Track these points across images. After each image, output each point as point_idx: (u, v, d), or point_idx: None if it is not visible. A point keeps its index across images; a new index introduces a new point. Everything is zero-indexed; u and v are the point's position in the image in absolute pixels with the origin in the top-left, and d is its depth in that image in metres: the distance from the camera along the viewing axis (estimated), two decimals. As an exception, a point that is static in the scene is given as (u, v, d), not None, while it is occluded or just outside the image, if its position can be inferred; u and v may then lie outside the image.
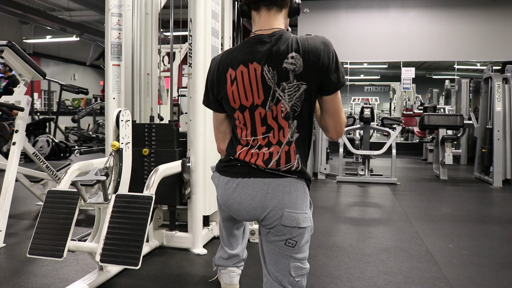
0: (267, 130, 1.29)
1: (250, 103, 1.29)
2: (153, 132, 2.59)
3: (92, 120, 10.53)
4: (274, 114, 1.27)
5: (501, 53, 8.54)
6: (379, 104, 15.66)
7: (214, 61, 1.37)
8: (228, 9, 3.06)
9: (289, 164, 1.29)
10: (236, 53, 1.31)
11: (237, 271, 1.96)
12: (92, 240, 2.10)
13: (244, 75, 1.27)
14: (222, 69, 1.32)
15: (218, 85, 1.33)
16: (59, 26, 10.68)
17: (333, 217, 3.60)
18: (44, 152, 6.84)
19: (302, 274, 1.35)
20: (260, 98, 1.27)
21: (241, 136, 1.34)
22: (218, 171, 1.42)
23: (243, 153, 1.33)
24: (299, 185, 1.32)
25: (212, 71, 1.36)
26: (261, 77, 1.25)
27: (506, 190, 4.92)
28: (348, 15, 9.05)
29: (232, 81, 1.29)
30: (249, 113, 1.30)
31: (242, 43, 1.34)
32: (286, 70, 1.24)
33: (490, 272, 2.32)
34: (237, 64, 1.28)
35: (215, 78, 1.34)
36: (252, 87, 1.27)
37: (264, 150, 1.30)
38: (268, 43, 1.27)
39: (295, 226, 1.29)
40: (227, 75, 1.30)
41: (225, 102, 1.34)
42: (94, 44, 3.38)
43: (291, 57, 1.23)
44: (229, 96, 1.30)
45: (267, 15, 1.31)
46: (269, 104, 1.27)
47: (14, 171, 2.87)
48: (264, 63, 1.25)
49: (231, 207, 1.38)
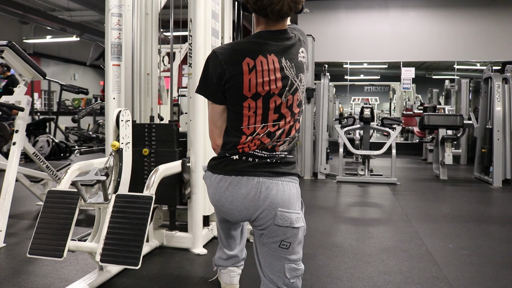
0: (279, 118, 1.34)
1: (265, 92, 1.30)
2: (153, 132, 2.59)
3: (92, 120, 10.53)
4: (289, 103, 1.34)
5: (501, 53, 8.55)
6: (379, 104, 15.64)
7: (222, 50, 1.34)
8: (228, 9, 3.06)
9: (291, 141, 1.37)
10: (249, 45, 1.33)
11: (237, 270, 1.96)
12: (92, 240, 2.10)
13: (263, 65, 1.30)
14: (237, 57, 1.30)
15: (231, 73, 1.30)
16: (59, 26, 10.69)
17: (333, 217, 3.60)
18: (44, 152, 6.84)
19: (297, 275, 1.35)
20: (278, 87, 1.31)
21: (248, 124, 1.33)
22: (210, 170, 1.41)
23: (248, 142, 1.33)
24: (292, 184, 1.34)
25: (220, 59, 1.32)
26: (280, 68, 1.31)
27: (506, 190, 4.92)
28: (348, 15, 9.06)
29: (250, 69, 1.29)
30: (262, 101, 1.31)
31: (253, 37, 1.36)
32: (301, 63, 1.36)
33: (490, 272, 2.32)
34: (255, 53, 1.31)
35: (224, 66, 1.31)
36: (270, 76, 1.30)
37: (271, 136, 1.34)
38: (280, 39, 1.34)
39: (289, 226, 1.29)
40: (244, 63, 1.29)
41: (235, 90, 1.31)
42: (94, 44, 3.38)
43: (302, 51, 1.37)
44: (244, 84, 1.30)
45: (273, 23, 1.34)
46: (285, 94, 1.33)
47: (14, 171, 2.87)
48: (282, 55, 1.32)
49: (222, 207, 1.37)
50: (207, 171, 1.45)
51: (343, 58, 9.46)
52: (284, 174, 1.33)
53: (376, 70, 13.64)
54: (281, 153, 1.35)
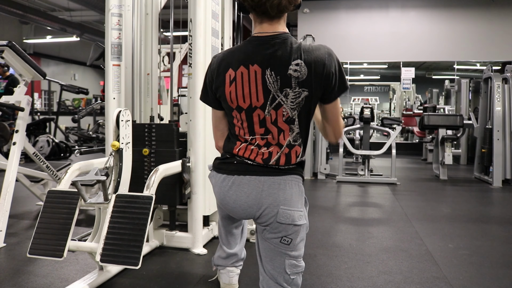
0: (265, 132, 1.30)
1: (247, 105, 1.28)
2: (153, 132, 2.59)
3: (92, 120, 10.53)
4: (273, 118, 1.27)
5: (501, 53, 8.55)
6: (379, 104, 15.64)
7: (215, 59, 1.36)
8: (228, 9, 3.06)
9: (289, 165, 1.32)
10: (237, 53, 1.30)
11: (236, 270, 1.97)
12: (92, 240, 2.10)
13: (244, 77, 1.26)
14: (222, 68, 1.31)
15: (217, 83, 1.33)
16: (59, 26, 10.69)
17: (333, 217, 3.60)
18: (44, 152, 6.84)
19: (298, 272, 1.35)
20: (260, 101, 1.27)
21: (239, 133, 1.35)
22: (214, 169, 1.43)
23: (242, 148, 1.33)
24: (294, 182, 1.34)
25: (212, 69, 1.35)
26: (262, 80, 1.25)
27: (506, 190, 4.92)
28: (348, 15, 9.05)
29: (231, 82, 1.29)
30: (245, 115, 1.30)
31: (244, 43, 1.32)
32: (290, 77, 1.23)
33: (490, 272, 2.32)
34: (237, 64, 1.27)
35: (214, 76, 1.34)
36: (251, 89, 1.26)
37: (263, 149, 1.31)
38: (271, 46, 1.25)
39: (290, 224, 1.30)
40: (226, 75, 1.29)
41: (223, 101, 1.34)
42: (94, 44, 3.38)
43: (296, 64, 1.22)
44: (226, 96, 1.31)
45: (269, 21, 1.28)
46: (268, 108, 1.26)
47: (14, 171, 2.87)
48: (267, 66, 1.24)
49: (227, 205, 1.39)
50: (212, 170, 1.46)
51: (343, 58, 9.44)
52: (286, 174, 1.34)
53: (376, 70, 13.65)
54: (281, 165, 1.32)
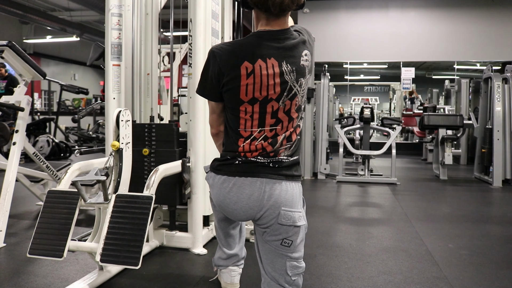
0: (275, 122, 1.32)
1: (263, 97, 1.29)
2: (153, 132, 2.59)
3: (92, 120, 10.53)
4: (287, 108, 1.32)
5: (501, 53, 8.55)
6: (379, 104, 15.64)
7: (222, 51, 1.32)
8: (228, 9, 3.06)
9: (293, 145, 1.35)
10: (250, 47, 1.29)
11: (238, 270, 1.97)
12: (92, 240, 2.10)
13: (262, 70, 1.27)
14: (236, 60, 1.29)
15: (230, 76, 1.29)
16: (59, 26, 10.69)
17: (333, 217, 3.60)
18: (44, 152, 6.84)
19: (299, 273, 1.36)
20: (276, 93, 1.29)
21: (245, 127, 1.32)
22: (213, 171, 1.41)
23: (246, 146, 1.33)
24: (294, 183, 1.35)
25: (221, 61, 1.31)
26: (280, 73, 1.28)
27: (506, 190, 4.92)
28: (348, 15, 9.05)
29: (248, 74, 1.28)
30: (259, 106, 1.30)
31: (253, 37, 1.32)
32: (303, 67, 1.32)
33: (490, 272, 2.32)
34: (255, 57, 1.28)
35: (224, 68, 1.30)
36: (269, 81, 1.28)
37: (269, 141, 1.32)
38: (282, 40, 1.30)
39: (291, 225, 1.30)
40: (242, 67, 1.28)
41: (232, 94, 1.31)
42: (94, 44, 3.38)
43: (305, 54, 1.33)
44: (241, 89, 1.29)
45: (275, 19, 1.30)
46: (283, 99, 1.30)
47: (14, 171, 2.87)
48: (282, 59, 1.29)
49: (227, 207, 1.37)
50: (209, 171, 1.44)
51: (343, 58, 9.46)
52: (287, 176, 1.33)
53: (376, 70, 13.64)
54: (284, 157, 1.34)
